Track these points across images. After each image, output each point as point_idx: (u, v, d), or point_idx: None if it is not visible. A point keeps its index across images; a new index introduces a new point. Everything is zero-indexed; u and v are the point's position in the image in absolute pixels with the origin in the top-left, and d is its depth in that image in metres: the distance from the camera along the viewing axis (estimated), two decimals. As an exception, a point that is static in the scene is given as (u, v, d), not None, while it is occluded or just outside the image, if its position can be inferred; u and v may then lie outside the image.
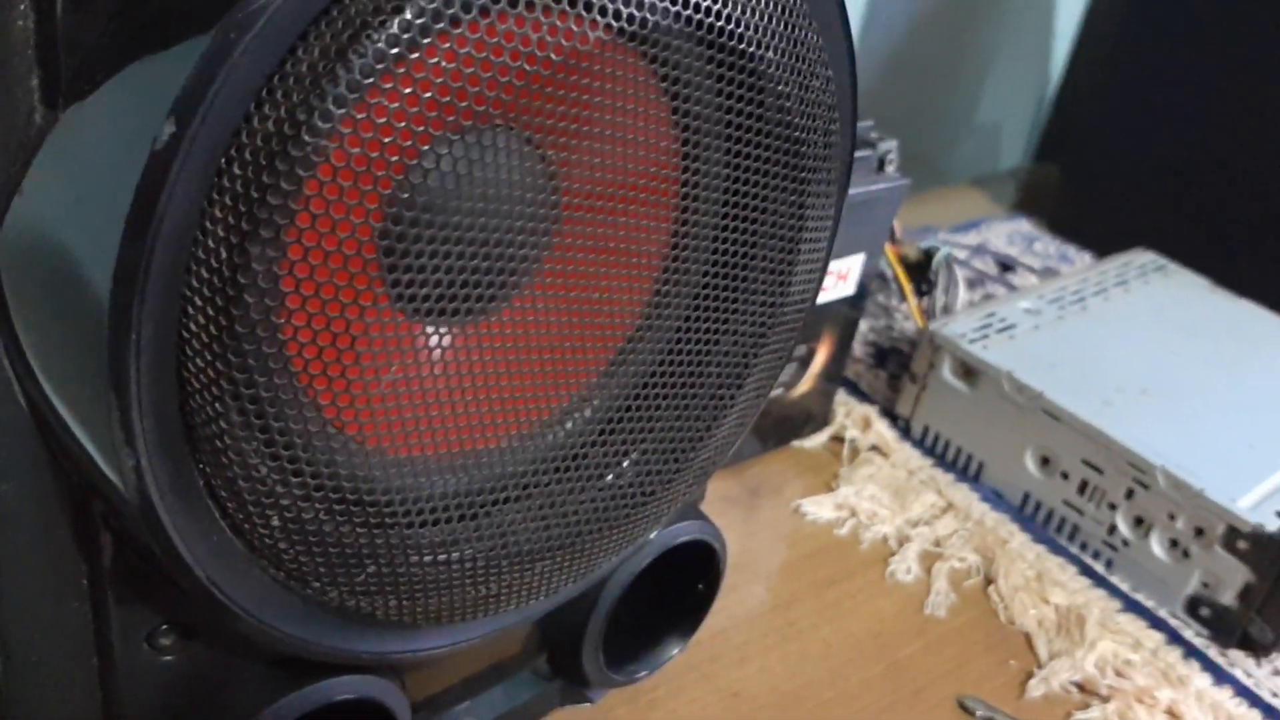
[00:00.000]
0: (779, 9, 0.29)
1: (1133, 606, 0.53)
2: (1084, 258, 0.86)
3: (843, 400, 0.63)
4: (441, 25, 0.22)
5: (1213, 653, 0.51)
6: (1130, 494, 0.53)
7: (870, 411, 0.62)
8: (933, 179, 1.06)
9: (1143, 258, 0.73)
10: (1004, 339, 0.60)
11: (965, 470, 0.60)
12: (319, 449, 0.26)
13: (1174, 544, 0.53)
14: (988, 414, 0.58)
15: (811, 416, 0.60)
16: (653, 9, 0.26)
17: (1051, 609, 0.52)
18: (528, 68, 0.24)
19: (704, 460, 0.34)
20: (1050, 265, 0.84)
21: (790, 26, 0.29)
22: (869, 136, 0.53)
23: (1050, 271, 0.82)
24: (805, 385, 0.58)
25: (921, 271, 0.69)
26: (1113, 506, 0.54)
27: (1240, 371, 0.62)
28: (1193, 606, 0.53)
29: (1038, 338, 0.61)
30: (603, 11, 0.25)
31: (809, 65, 0.30)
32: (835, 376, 0.59)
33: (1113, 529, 0.54)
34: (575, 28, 0.24)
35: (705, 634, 0.46)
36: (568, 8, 0.24)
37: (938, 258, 0.68)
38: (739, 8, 0.28)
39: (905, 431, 0.62)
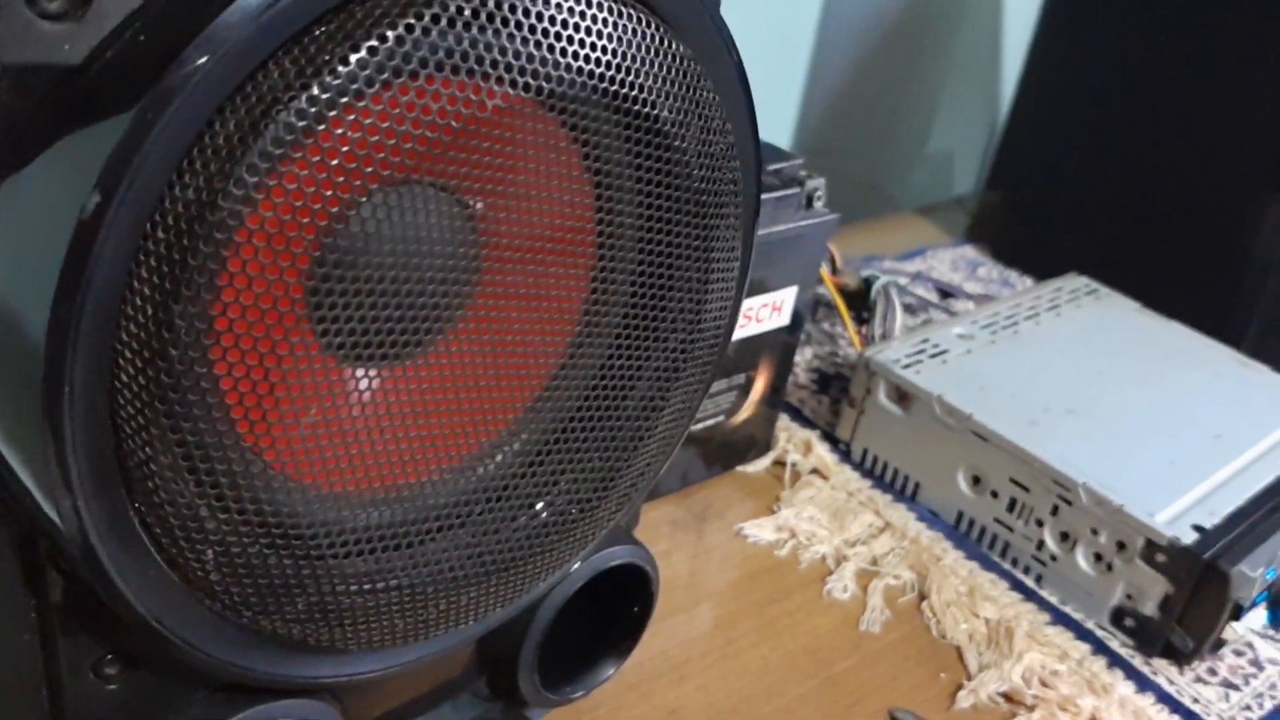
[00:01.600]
0: (678, 73, 0.31)
1: (1061, 619, 0.55)
2: (1025, 283, 0.89)
3: (785, 425, 0.65)
4: (346, 99, 0.25)
5: (1137, 662, 0.54)
6: (1056, 510, 0.56)
7: (811, 436, 0.64)
8: (885, 207, 1.09)
9: (1075, 282, 0.75)
10: (936, 364, 0.62)
11: (902, 491, 0.62)
12: (249, 486, 0.28)
13: (1098, 558, 0.55)
14: (921, 436, 0.60)
15: (755, 442, 0.62)
16: (548, 77, 0.28)
17: (982, 623, 0.54)
18: (429, 135, 0.26)
19: (625, 488, 0.37)
20: (992, 291, 0.86)
21: (689, 88, 0.32)
22: (798, 174, 0.56)
23: (989, 297, 0.85)
24: (746, 412, 0.60)
25: (862, 299, 0.71)
26: (1040, 523, 0.57)
27: (1165, 390, 0.64)
28: (1118, 617, 0.55)
29: (969, 362, 0.63)
30: (499, 80, 0.27)
31: (708, 121, 0.33)
32: (776, 402, 0.62)
33: (1041, 544, 0.57)
34: (474, 96, 0.27)
35: (646, 654, 0.48)
36: (465, 78, 0.26)
37: (876, 286, 0.70)
38: (641, 74, 0.30)
39: (845, 454, 0.64)
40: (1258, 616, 0.54)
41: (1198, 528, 0.53)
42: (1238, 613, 0.52)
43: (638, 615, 0.43)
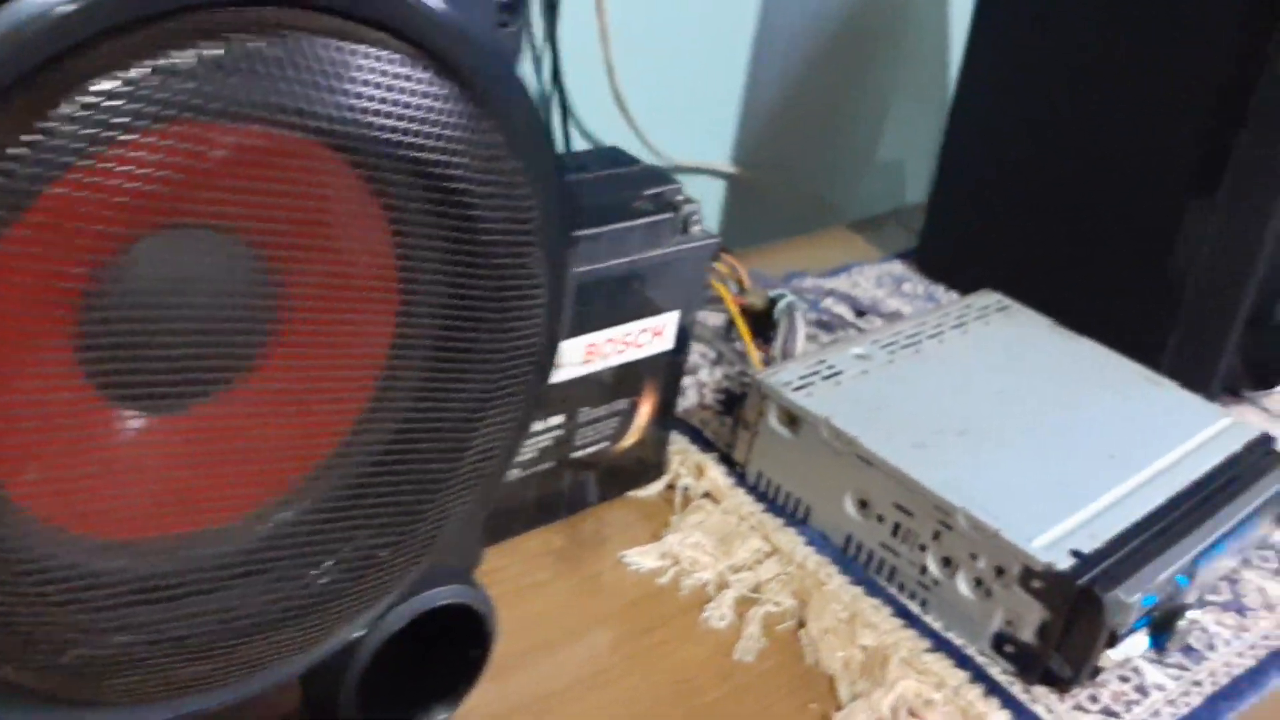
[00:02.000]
0: (459, 117, 0.31)
1: (943, 645, 0.55)
2: (952, 298, 0.88)
3: (684, 448, 0.65)
4: (68, 159, 0.24)
5: (1016, 689, 0.53)
6: (937, 535, 0.55)
7: (705, 459, 0.64)
8: (831, 218, 1.08)
9: (986, 299, 0.75)
10: (829, 386, 0.62)
11: (794, 514, 0.61)
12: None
13: (978, 583, 0.54)
14: (811, 459, 0.60)
15: (646, 466, 0.62)
16: (298, 125, 0.28)
17: (859, 650, 0.53)
18: (163, 189, 0.26)
19: (429, 530, 0.36)
20: (916, 308, 0.86)
21: (471, 131, 0.31)
22: (673, 200, 0.55)
23: (900, 315, 0.84)
24: (633, 437, 0.60)
25: (768, 319, 0.71)
26: (923, 547, 0.56)
27: (1065, 409, 0.64)
28: (998, 644, 0.54)
29: (864, 383, 0.63)
30: (237, 131, 0.27)
31: (495, 163, 0.32)
32: (666, 425, 0.61)
33: (924, 569, 0.56)
34: (195, 146, 0.26)
35: (509, 690, 0.48)
36: (202, 132, 0.26)
37: (780, 305, 0.70)
38: (418, 120, 0.30)
39: (741, 478, 0.64)
40: (1137, 643, 0.54)
41: (1075, 553, 0.52)
42: (1113, 640, 0.52)
43: (475, 658, 0.42)
